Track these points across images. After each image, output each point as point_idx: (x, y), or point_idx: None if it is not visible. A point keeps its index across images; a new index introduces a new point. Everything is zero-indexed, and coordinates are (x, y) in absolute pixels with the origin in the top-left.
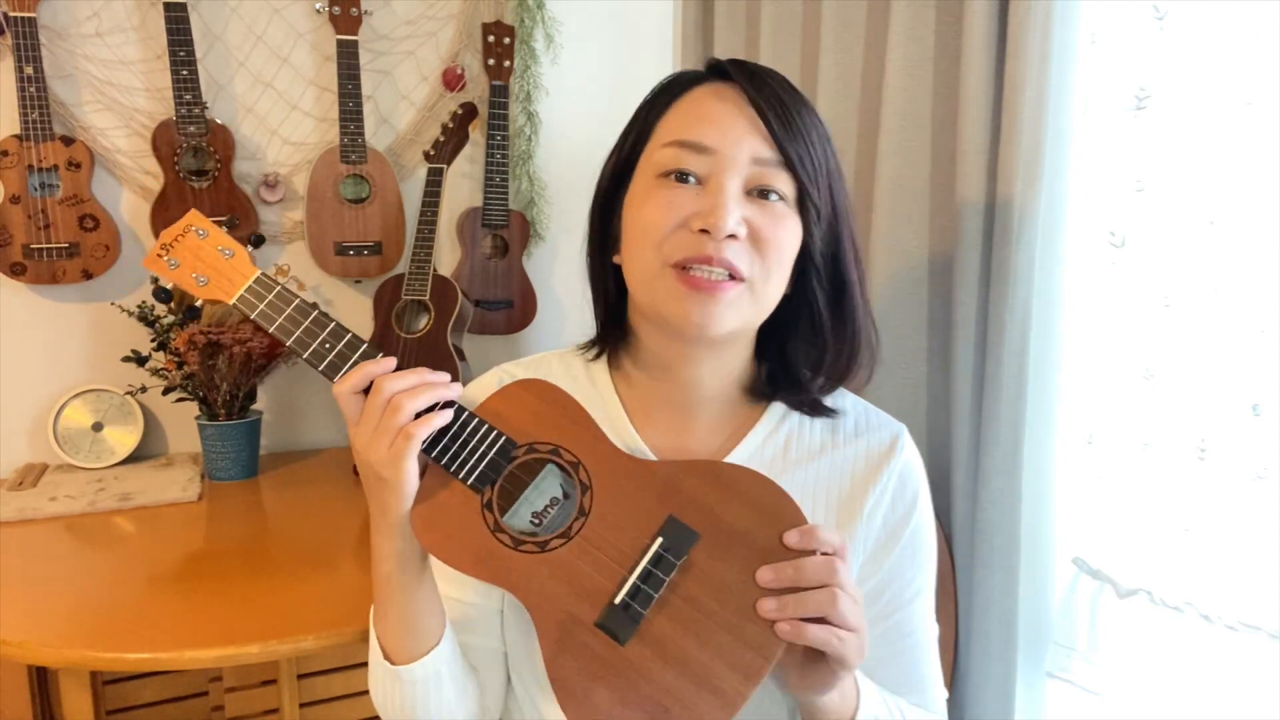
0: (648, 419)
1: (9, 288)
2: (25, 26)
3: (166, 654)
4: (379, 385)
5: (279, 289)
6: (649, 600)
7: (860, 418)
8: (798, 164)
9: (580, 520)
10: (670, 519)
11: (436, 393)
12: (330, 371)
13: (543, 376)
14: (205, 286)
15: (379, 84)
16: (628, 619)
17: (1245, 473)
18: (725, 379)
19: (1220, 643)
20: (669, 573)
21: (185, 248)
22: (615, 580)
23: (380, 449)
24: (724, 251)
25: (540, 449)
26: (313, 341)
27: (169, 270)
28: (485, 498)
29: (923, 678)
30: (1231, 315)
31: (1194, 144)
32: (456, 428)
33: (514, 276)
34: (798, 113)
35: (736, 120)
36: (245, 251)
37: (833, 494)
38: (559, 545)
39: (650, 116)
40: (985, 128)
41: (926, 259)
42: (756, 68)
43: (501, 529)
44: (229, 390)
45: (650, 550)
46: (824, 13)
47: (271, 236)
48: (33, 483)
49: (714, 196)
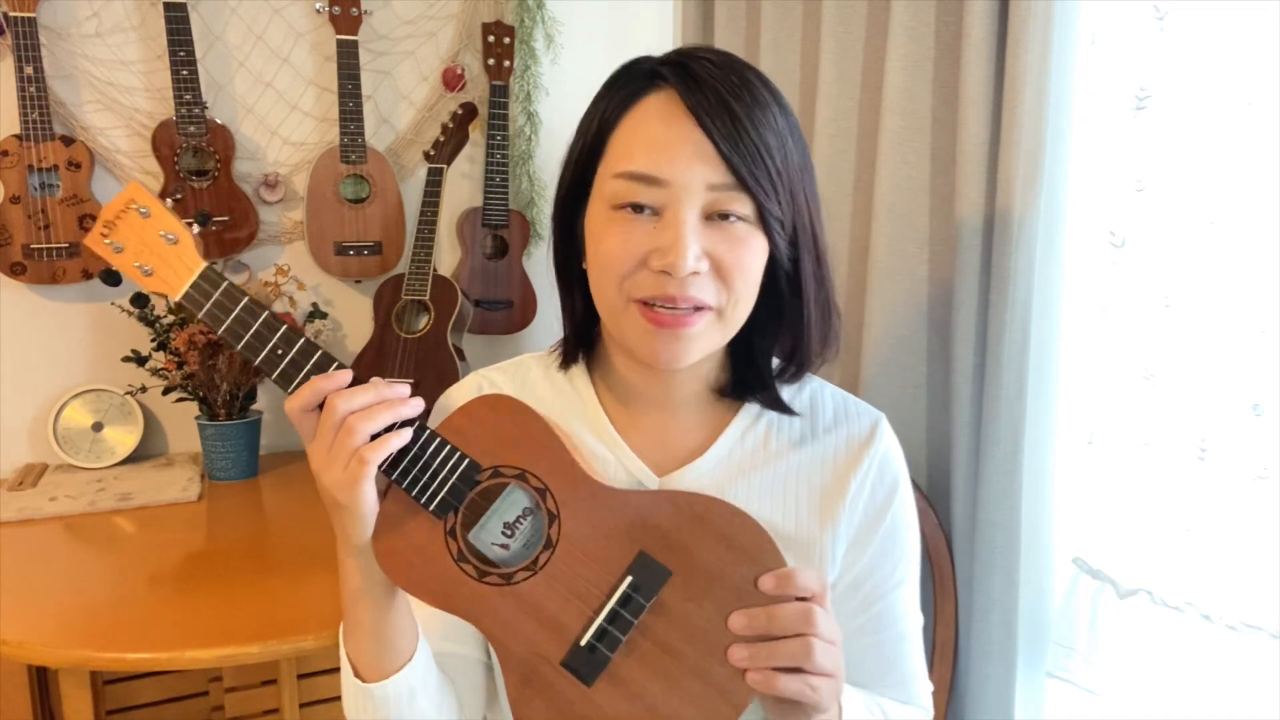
0: (631, 422)
1: (9, 288)
2: (25, 26)
3: (166, 654)
4: (331, 404)
5: (226, 285)
6: (616, 643)
7: (839, 407)
8: (752, 183)
9: (547, 553)
10: (641, 555)
11: (395, 412)
12: (283, 381)
13: (522, 380)
14: (150, 278)
15: (379, 84)
16: (595, 660)
17: (1246, 473)
18: (699, 382)
19: (1221, 643)
20: (637, 614)
21: (128, 228)
22: (582, 619)
23: (335, 473)
24: (687, 289)
25: (506, 473)
26: (263, 347)
27: (113, 255)
28: (448, 525)
29: (905, 670)
30: (1231, 315)
31: (1194, 144)
32: (417, 449)
33: (514, 276)
34: (750, 120)
35: (685, 144)
36: (191, 237)
37: (814, 484)
38: (524, 578)
39: (602, 127)
40: (985, 128)
41: (926, 259)
42: (701, 69)
43: (466, 559)
44: (229, 390)
45: (619, 590)
46: (824, 13)
47: (271, 236)
48: (33, 483)
49: (671, 232)
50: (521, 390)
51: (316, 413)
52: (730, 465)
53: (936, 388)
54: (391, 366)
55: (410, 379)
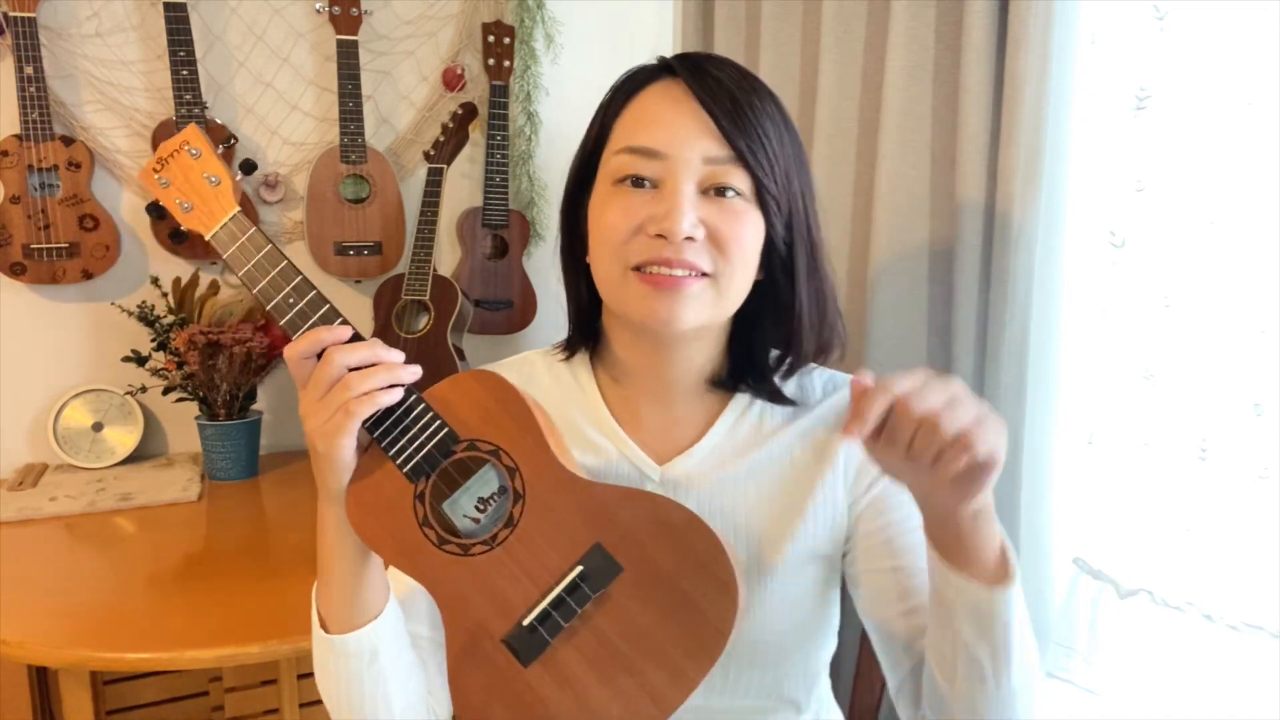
0: (628, 414)
1: (9, 288)
2: (25, 26)
3: (166, 654)
4: (329, 356)
5: (254, 231)
6: (557, 629)
7: (827, 382)
8: (750, 158)
9: (507, 530)
10: (596, 547)
11: (392, 374)
12: (290, 329)
13: (527, 376)
14: (189, 214)
15: (379, 84)
16: (534, 642)
17: (1247, 472)
18: (697, 371)
19: (1222, 643)
20: (582, 604)
21: (178, 166)
22: (529, 601)
23: (319, 420)
24: (683, 253)
25: (481, 448)
26: (276, 294)
27: (159, 189)
28: (419, 489)
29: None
30: (1232, 315)
31: (1194, 144)
32: (400, 411)
33: (514, 276)
34: (749, 105)
35: (685, 121)
36: (231, 181)
37: (807, 446)
38: (481, 552)
39: (606, 119)
40: (985, 128)
41: (926, 259)
42: (705, 61)
43: (429, 524)
44: (229, 390)
45: (568, 577)
46: (824, 13)
47: (271, 236)
48: (33, 483)
49: (668, 200)
50: (526, 384)
51: (314, 361)
52: (725, 451)
53: None
54: None
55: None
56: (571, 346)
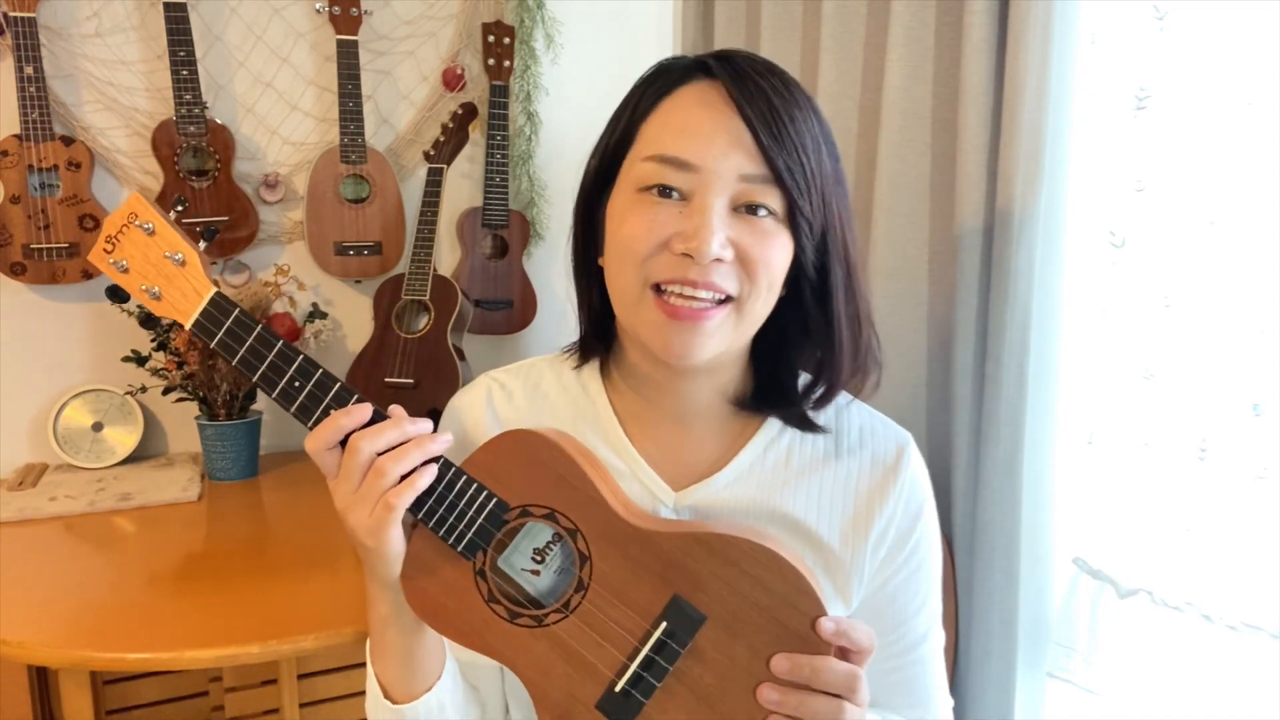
0: (643, 431)
1: (9, 288)
2: (25, 26)
3: (166, 654)
4: (355, 445)
5: (237, 314)
6: (651, 690)
7: (865, 426)
8: (788, 178)
9: (579, 594)
10: (675, 600)
11: (424, 449)
12: (302, 415)
13: (534, 385)
14: (159, 302)
15: (379, 84)
16: (629, 706)
17: (1246, 472)
18: (719, 392)
19: (1221, 643)
20: (672, 661)
21: (132, 245)
22: (615, 665)
23: (361, 516)
24: (709, 275)
25: (535, 512)
26: (279, 379)
27: (118, 274)
28: (477, 565)
29: (927, 689)
30: (1231, 315)
31: (1194, 144)
32: (443, 488)
33: (514, 276)
34: (790, 118)
35: (722, 133)
36: (198, 256)
37: (837, 510)
38: (556, 620)
39: (635, 116)
40: (985, 128)
41: (926, 259)
42: (747, 65)
43: (497, 599)
44: (229, 390)
45: (654, 636)
46: (824, 13)
47: (271, 236)
48: (33, 483)
49: (698, 217)
50: (533, 395)
51: (339, 450)
52: (750, 483)
53: (936, 388)
54: (391, 367)
55: (410, 380)
56: (584, 353)
